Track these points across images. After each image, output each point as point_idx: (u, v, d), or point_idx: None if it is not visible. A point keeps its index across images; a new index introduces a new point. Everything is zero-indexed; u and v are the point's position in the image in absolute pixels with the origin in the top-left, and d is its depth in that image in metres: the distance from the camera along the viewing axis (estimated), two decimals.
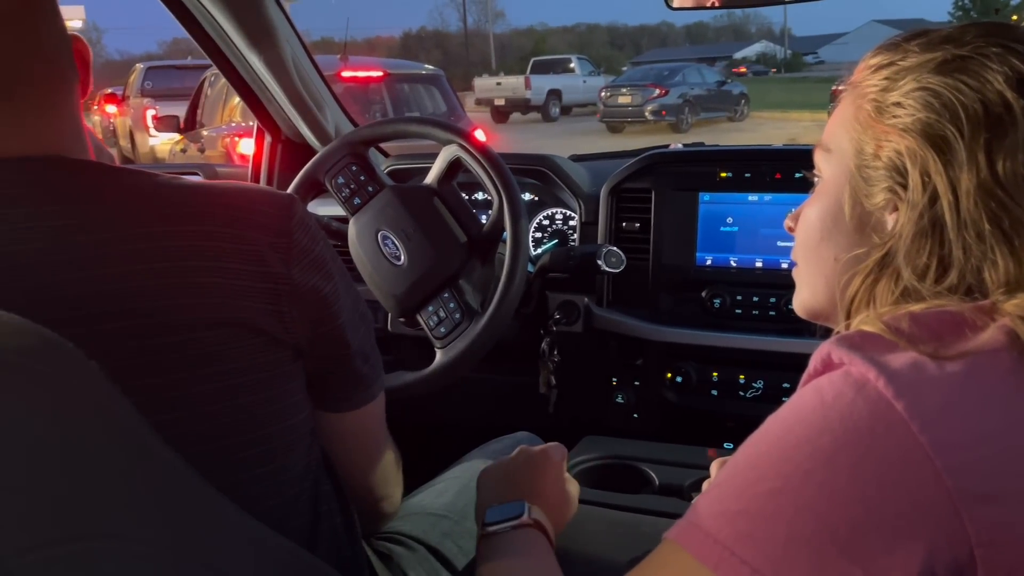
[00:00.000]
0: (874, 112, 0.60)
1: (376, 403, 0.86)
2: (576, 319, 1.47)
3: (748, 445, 0.53)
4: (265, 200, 0.72)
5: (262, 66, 1.49)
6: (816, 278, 0.66)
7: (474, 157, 1.27)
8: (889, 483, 0.46)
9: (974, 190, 0.53)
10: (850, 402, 0.48)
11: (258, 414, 0.70)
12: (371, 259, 1.33)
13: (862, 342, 0.51)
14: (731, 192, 1.42)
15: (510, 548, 0.72)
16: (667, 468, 1.07)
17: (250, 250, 0.69)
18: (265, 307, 0.69)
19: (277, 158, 1.73)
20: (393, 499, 0.98)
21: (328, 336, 0.75)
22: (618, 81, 16.98)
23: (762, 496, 0.48)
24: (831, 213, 0.63)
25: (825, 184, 0.65)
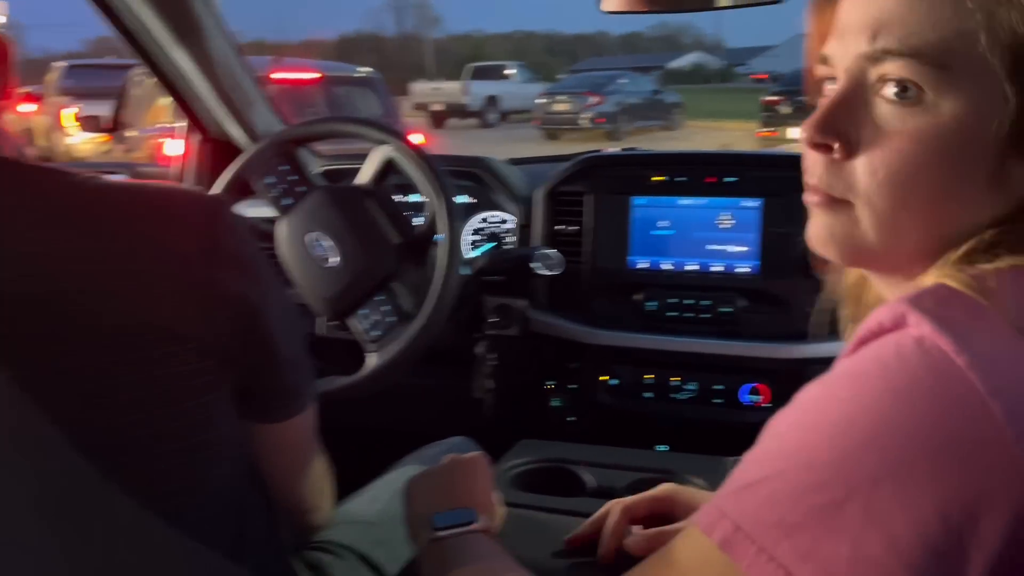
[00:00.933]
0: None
1: (306, 414, 0.84)
2: (512, 322, 1.47)
3: (796, 428, 0.46)
4: (191, 201, 0.69)
5: (187, 61, 1.44)
6: (902, 215, 0.51)
7: (408, 158, 1.26)
8: (973, 497, 0.41)
9: None
10: (930, 392, 0.42)
11: (181, 424, 0.67)
12: (300, 261, 1.30)
13: (948, 304, 0.45)
14: (664, 196, 1.44)
15: (469, 552, 0.70)
16: (601, 470, 1.07)
17: (175, 254, 0.66)
18: (189, 313, 0.66)
19: (206, 158, 1.68)
20: (323, 510, 0.96)
21: (256, 345, 0.72)
22: (555, 88, 17.10)
23: (825, 508, 0.43)
24: (962, 145, 0.49)
25: (946, 116, 0.49)
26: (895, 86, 0.50)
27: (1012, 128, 0.48)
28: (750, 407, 1.37)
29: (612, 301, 1.46)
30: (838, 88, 0.53)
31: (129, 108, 6.50)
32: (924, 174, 0.50)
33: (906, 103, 0.49)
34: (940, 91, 0.48)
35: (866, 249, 0.53)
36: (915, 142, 0.49)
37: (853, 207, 0.53)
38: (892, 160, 0.50)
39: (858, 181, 0.52)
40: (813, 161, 0.55)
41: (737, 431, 0.66)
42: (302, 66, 5.95)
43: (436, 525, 0.72)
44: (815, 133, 0.53)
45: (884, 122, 0.51)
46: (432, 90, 18.92)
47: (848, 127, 0.52)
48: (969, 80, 0.48)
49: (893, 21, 0.49)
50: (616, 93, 15.49)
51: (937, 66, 0.48)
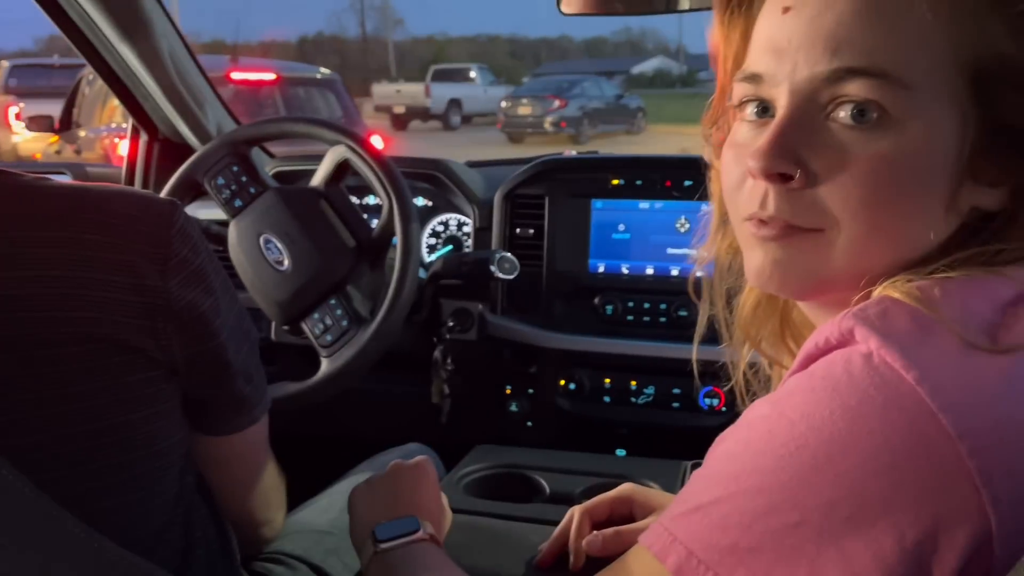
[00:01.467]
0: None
1: (259, 426, 0.81)
2: (470, 327, 1.45)
3: (748, 450, 0.45)
4: (142, 205, 0.66)
5: (135, 59, 1.41)
6: (876, 239, 0.48)
7: (363, 159, 1.23)
8: (928, 516, 0.40)
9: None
10: (881, 410, 0.41)
11: (126, 436, 0.65)
12: (252, 264, 1.27)
13: (895, 318, 0.43)
14: (623, 199, 1.43)
15: (414, 564, 0.68)
16: (558, 476, 1.06)
17: (123, 260, 0.63)
18: (137, 323, 0.64)
19: (154, 158, 1.64)
20: (274, 524, 0.93)
21: (207, 355, 0.70)
22: (519, 92, 17.14)
23: (778, 532, 0.42)
24: (927, 166, 0.47)
25: (912, 137, 0.47)
26: (854, 108, 0.47)
27: (970, 146, 0.47)
28: (708, 411, 1.37)
29: (571, 305, 1.46)
30: (785, 111, 0.49)
31: (81, 107, 6.37)
32: (895, 197, 0.47)
33: (866, 126, 0.47)
34: (906, 112, 0.46)
35: (826, 279, 0.50)
36: (885, 164, 0.47)
37: (823, 234, 0.49)
38: (864, 184, 0.47)
39: (829, 209, 0.48)
40: (760, 191, 0.50)
41: (695, 435, 0.66)
42: (261, 66, 5.89)
43: (378, 537, 0.70)
44: (774, 162, 0.48)
45: (845, 147, 0.47)
46: (394, 92, 18.83)
47: (806, 153, 0.48)
48: (931, 99, 0.46)
49: (853, 38, 0.46)
50: (579, 97, 15.57)
51: (902, 87, 0.46)
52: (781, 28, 0.49)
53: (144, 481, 0.67)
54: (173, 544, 0.72)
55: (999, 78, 0.46)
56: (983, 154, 0.47)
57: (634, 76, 37.83)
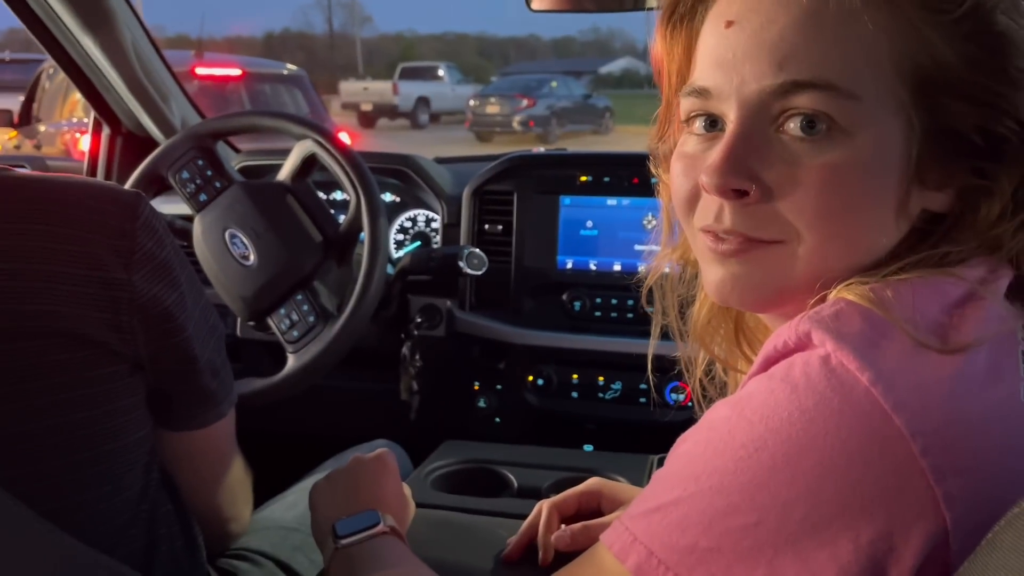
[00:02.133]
0: (922, 7, 0.47)
1: (225, 421, 0.81)
2: (438, 323, 1.45)
3: (707, 450, 0.46)
4: (107, 197, 0.65)
5: (98, 50, 1.38)
6: (834, 248, 0.49)
7: (330, 153, 1.23)
8: (882, 515, 0.41)
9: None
10: (837, 411, 0.42)
11: (89, 432, 0.64)
12: (218, 259, 1.26)
13: (849, 320, 0.44)
14: (591, 196, 1.44)
15: (376, 558, 0.68)
16: (526, 470, 1.06)
17: (86, 253, 0.62)
18: (101, 316, 0.63)
19: (116, 152, 1.61)
20: (241, 520, 0.92)
21: (173, 350, 0.69)
22: (487, 91, 17.13)
23: (736, 532, 0.43)
24: (877, 174, 0.48)
25: (861, 146, 0.47)
26: (804, 120, 0.47)
27: (917, 152, 0.48)
28: (674, 406, 1.38)
29: (539, 301, 1.46)
30: (736, 125, 0.49)
31: (41, 102, 6.26)
32: (848, 205, 0.48)
33: (816, 137, 0.47)
34: (853, 121, 0.47)
35: (787, 288, 0.51)
36: (836, 174, 0.47)
37: (785, 246, 0.50)
38: (818, 195, 0.48)
39: (787, 219, 0.49)
40: (715, 206, 0.50)
41: (662, 430, 0.66)
42: (226, 62, 5.82)
43: (338, 533, 0.69)
44: (728, 179, 0.48)
45: (797, 159, 0.48)
46: (362, 90, 18.71)
47: (759, 167, 0.48)
48: (878, 108, 0.47)
49: (798, 51, 0.47)
50: (548, 97, 15.60)
51: (848, 97, 0.47)
52: (725, 42, 0.50)
53: (107, 477, 0.66)
54: (137, 541, 0.71)
55: (940, 85, 0.47)
56: (929, 159, 0.48)
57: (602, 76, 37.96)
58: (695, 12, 0.54)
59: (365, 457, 0.81)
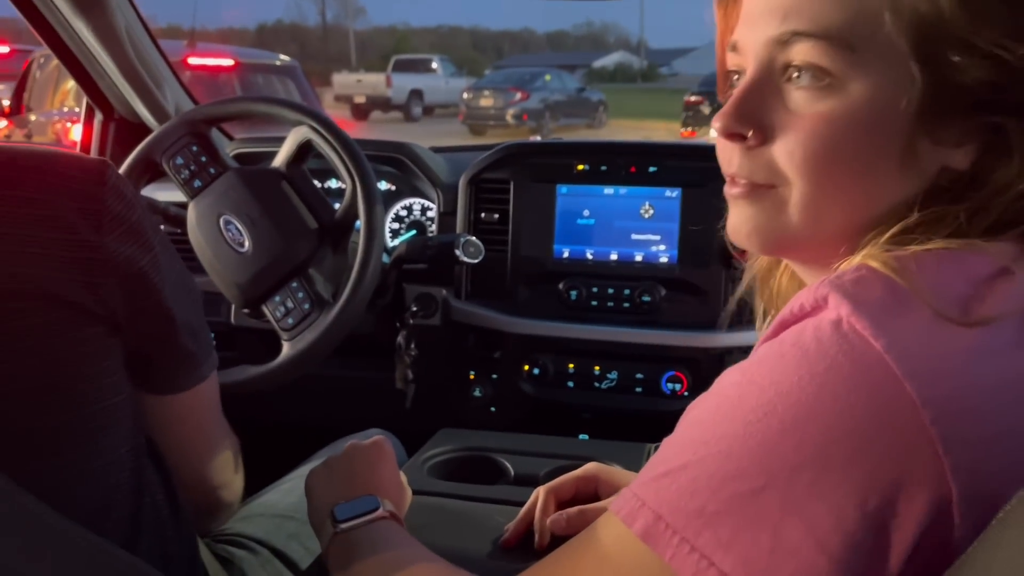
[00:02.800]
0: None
1: (208, 384, 0.80)
2: (434, 312, 1.44)
3: (716, 415, 0.46)
4: (73, 164, 0.66)
5: (91, 35, 1.37)
6: (825, 195, 0.51)
7: (325, 139, 1.22)
8: (889, 482, 0.41)
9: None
10: (847, 376, 0.42)
11: (66, 395, 0.64)
12: (212, 246, 1.25)
13: (870, 286, 0.44)
14: (588, 185, 1.44)
15: (376, 542, 0.67)
16: (522, 458, 1.06)
17: (57, 217, 0.63)
18: (75, 278, 0.63)
19: (109, 138, 1.60)
20: (232, 487, 0.91)
21: (149, 311, 0.70)
22: (481, 84, 17.09)
23: (744, 496, 0.43)
24: (872, 125, 0.49)
25: (855, 97, 0.49)
26: (801, 69, 0.50)
27: (919, 106, 0.48)
28: (670, 396, 1.38)
29: (535, 290, 1.46)
30: (748, 75, 0.53)
31: (31, 91, 6.23)
32: (838, 154, 0.50)
33: (816, 87, 0.49)
34: (848, 73, 0.48)
35: (790, 235, 0.53)
36: (827, 123, 0.49)
37: (776, 190, 0.52)
38: (806, 142, 0.50)
39: (778, 165, 0.51)
40: (729, 151, 0.54)
41: (658, 419, 0.66)
42: (218, 52, 5.80)
43: (337, 518, 0.69)
44: (729, 122, 0.52)
45: (796, 106, 0.51)
46: (355, 82, 18.64)
47: (761, 114, 0.52)
48: (876, 60, 0.48)
49: (802, 5, 0.49)
50: (541, 90, 15.59)
51: (845, 48, 0.48)
52: (749, 2, 0.53)
53: (87, 442, 0.66)
54: (121, 509, 0.70)
55: (941, 37, 0.47)
56: (937, 113, 0.48)
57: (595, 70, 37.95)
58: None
59: (362, 443, 0.80)
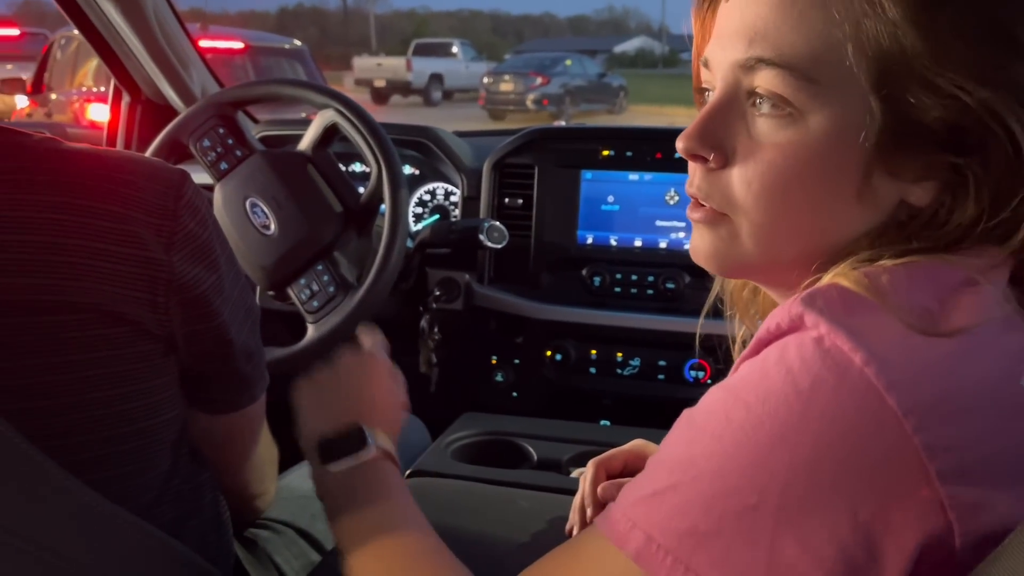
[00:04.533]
0: None
1: (258, 404, 0.80)
2: (457, 296, 1.45)
3: (704, 435, 0.46)
4: (151, 175, 0.64)
5: (119, 17, 1.37)
6: (779, 226, 0.51)
7: (351, 123, 1.22)
8: (879, 491, 0.41)
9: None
10: (832, 391, 0.42)
11: (122, 409, 0.63)
12: (238, 228, 1.25)
13: (842, 303, 0.45)
14: (612, 170, 1.43)
15: (362, 490, 0.65)
16: (545, 443, 1.07)
17: (127, 231, 0.61)
18: (138, 295, 0.62)
19: (136, 120, 1.60)
20: (268, 496, 0.93)
21: (208, 333, 0.68)
22: (501, 68, 17.02)
23: (736, 514, 0.43)
24: (830, 159, 0.49)
25: (814, 129, 0.48)
26: (763, 97, 0.49)
27: (877, 141, 0.48)
28: (693, 383, 1.38)
29: (558, 276, 1.45)
30: (715, 96, 0.52)
31: (53, 72, 6.37)
32: (796, 186, 0.49)
33: (777, 115, 0.49)
34: (809, 105, 0.48)
35: (747, 262, 0.53)
36: (786, 155, 0.49)
37: (731, 219, 0.52)
38: (764, 172, 0.50)
39: (734, 192, 0.51)
40: (692, 169, 0.54)
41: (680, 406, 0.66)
42: (229, 35, 5.88)
43: (323, 455, 0.66)
44: (692, 143, 0.52)
45: (757, 134, 0.50)
46: (375, 66, 18.63)
47: (723, 137, 0.51)
48: (837, 93, 0.48)
49: (768, 29, 0.49)
50: (562, 75, 15.50)
51: (806, 79, 0.48)
52: (723, 18, 0.53)
53: (138, 455, 0.66)
54: (164, 516, 0.71)
55: (903, 74, 0.47)
56: (895, 149, 0.48)
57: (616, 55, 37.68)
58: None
59: (353, 356, 0.76)
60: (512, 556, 0.75)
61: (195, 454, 0.77)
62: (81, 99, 5.65)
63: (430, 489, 0.90)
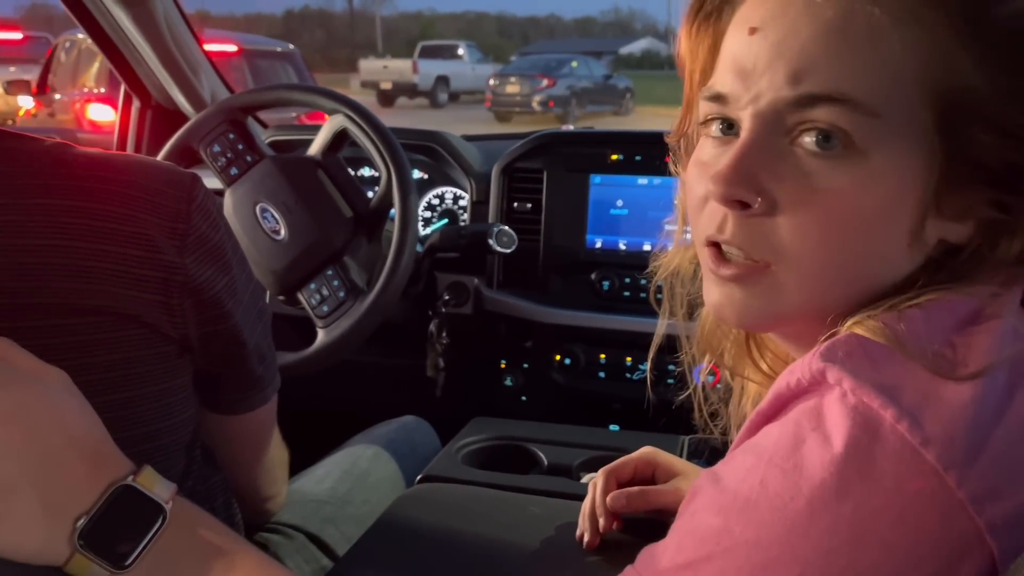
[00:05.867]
0: (964, 25, 0.44)
1: (269, 405, 0.80)
2: (465, 301, 1.45)
3: (739, 503, 0.43)
4: (163, 178, 0.64)
5: (130, 23, 1.38)
6: (830, 276, 0.47)
7: (361, 128, 1.22)
8: (928, 553, 0.40)
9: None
10: (867, 453, 0.40)
11: (137, 411, 0.64)
12: (248, 233, 1.26)
13: (863, 355, 0.43)
14: (622, 175, 1.43)
15: None
16: (556, 448, 1.06)
17: (140, 233, 0.61)
18: (152, 297, 0.62)
19: (146, 125, 1.61)
20: (278, 499, 0.93)
21: (222, 334, 0.69)
22: (507, 70, 17.04)
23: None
24: (892, 202, 0.46)
25: (877, 170, 0.45)
26: (819, 134, 0.45)
27: (936, 180, 0.46)
28: (703, 387, 1.37)
29: (567, 280, 1.45)
30: (749, 134, 0.47)
31: (57, 74, 6.47)
32: (856, 234, 0.46)
33: (831, 154, 0.45)
34: (871, 143, 0.45)
35: (785, 316, 0.50)
36: (847, 199, 0.45)
37: (773, 270, 0.48)
38: (825, 219, 0.46)
39: (784, 242, 0.47)
40: (719, 215, 0.49)
41: (690, 411, 0.65)
42: (222, 38, 6.04)
43: (111, 554, 0.50)
44: (733, 188, 0.46)
45: (809, 176, 0.46)
46: (381, 68, 18.69)
47: (766, 179, 0.46)
48: (898, 129, 0.45)
49: (818, 64, 0.45)
50: (568, 77, 15.51)
51: (870, 114, 0.44)
52: (747, 49, 0.48)
53: (152, 456, 0.66)
54: None
55: (967, 112, 0.45)
56: (948, 187, 0.46)
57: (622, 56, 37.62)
58: (721, 11, 0.52)
59: None
60: (524, 562, 0.75)
61: (208, 456, 0.77)
62: (82, 100, 5.73)
63: (441, 495, 0.90)
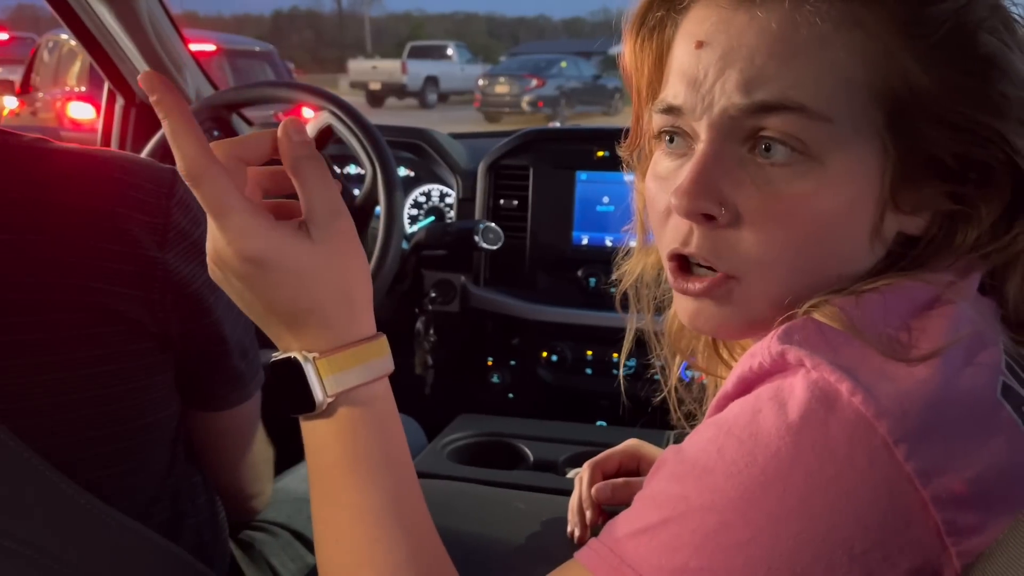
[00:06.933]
0: (904, 26, 0.45)
1: (252, 401, 0.80)
2: (452, 298, 1.45)
3: (695, 469, 0.44)
4: (143, 173, 0.64)
5: (113, 20, 1.37)
6: (796, 280, 0.48)
7: (346, 125, 1.22)
8: (874, 522, 0.41)
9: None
10: (822, 424, 0.41)
11: (119, 407, 0.64)
12: None
13: (820, 337, 0.44)
14: (607, 171, 1.43)
15: (375, 443, 0.55)
16: (542, 444, 1.07)
17: (121, 229, 0.61)
18: (133, 293, 0.62)
19: (130, 123, 1.60)
20: (263, 496, 0.93)
21: (203, 330, 0.69)
22: (496, 70, 17.03)
23: (729, 550, 0.42)
24: (851, 203, 0.47)
25: (834, 174, 0.46)
26: (776, 143, 0.46)
27: (892, 178, 0.47)
28: (689, 383, 1.38)
29: (554, 277, 1.45)
30: (707, 145, 0.48)
31: (40, 73, 6.49)
32: (820, 237, 0.47)
33: (789, 160, 0.46)
34: (826, 146, 0.45)
35: (757, 320, 0.50)
36: (809, 204, 0.46)
37: (741, 282, 0.49)
38: (789, 227, 0.47)
39: (751, 252, 0.48)
40: (684, 228, 0.49)
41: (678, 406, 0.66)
42: (201, 38, 6.13)
43: (326, 388, 0.52)
44: (697, 201, 0.47)
45: (770, 184, 0.46)
46: (370, 68, 18.63)
47: (729, 190, 0.47)
48: (852, 133, 0.46)
49: (767, 74, 0.46)
50: (557, 77, 15.52)
51: (821, 119, 0.45)
52: (696, 61, 0.48)
53: (134, 452, 0.66)
54: (161, 515, 0.71)
55: (916, 110, 0.46)
56: (903, 183, 0.47)
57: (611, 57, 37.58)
58: (664, 25, 0.53)
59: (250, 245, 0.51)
60: (510, 558, 0.75)
61: (191, 453, 0.77)
62: (63, 98, 5.72)
63: (426, 491, 0.89)
